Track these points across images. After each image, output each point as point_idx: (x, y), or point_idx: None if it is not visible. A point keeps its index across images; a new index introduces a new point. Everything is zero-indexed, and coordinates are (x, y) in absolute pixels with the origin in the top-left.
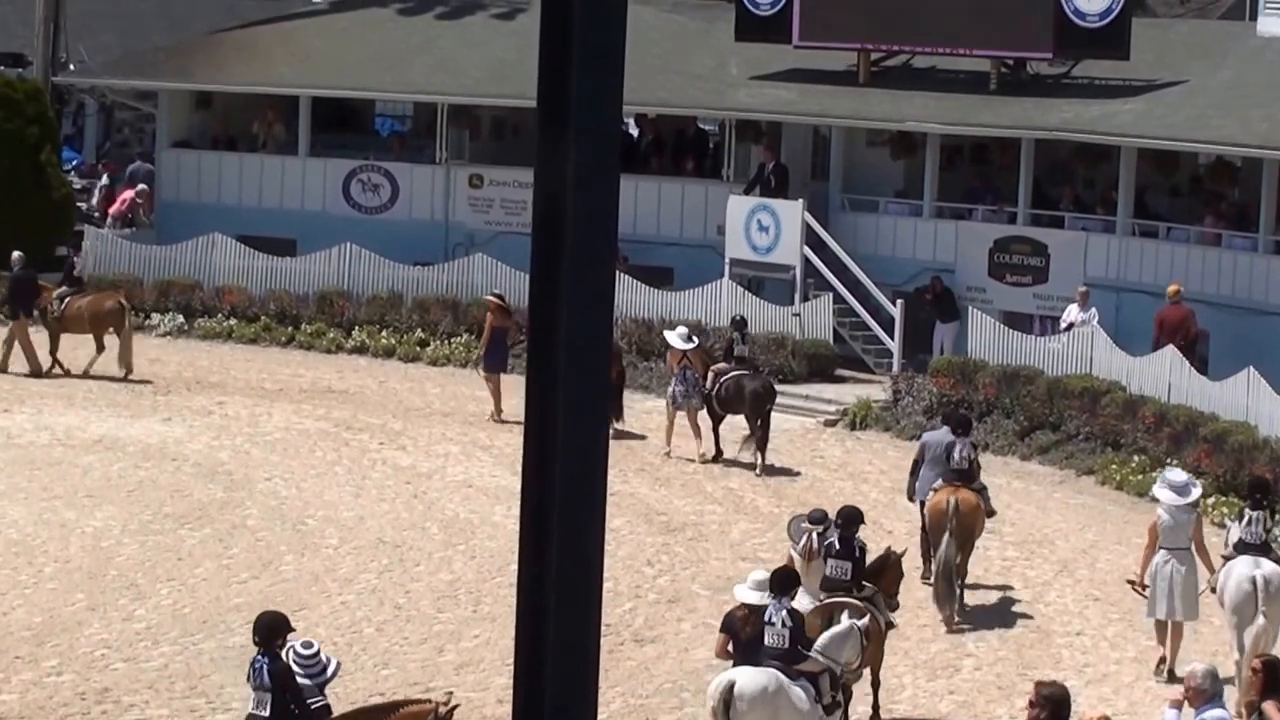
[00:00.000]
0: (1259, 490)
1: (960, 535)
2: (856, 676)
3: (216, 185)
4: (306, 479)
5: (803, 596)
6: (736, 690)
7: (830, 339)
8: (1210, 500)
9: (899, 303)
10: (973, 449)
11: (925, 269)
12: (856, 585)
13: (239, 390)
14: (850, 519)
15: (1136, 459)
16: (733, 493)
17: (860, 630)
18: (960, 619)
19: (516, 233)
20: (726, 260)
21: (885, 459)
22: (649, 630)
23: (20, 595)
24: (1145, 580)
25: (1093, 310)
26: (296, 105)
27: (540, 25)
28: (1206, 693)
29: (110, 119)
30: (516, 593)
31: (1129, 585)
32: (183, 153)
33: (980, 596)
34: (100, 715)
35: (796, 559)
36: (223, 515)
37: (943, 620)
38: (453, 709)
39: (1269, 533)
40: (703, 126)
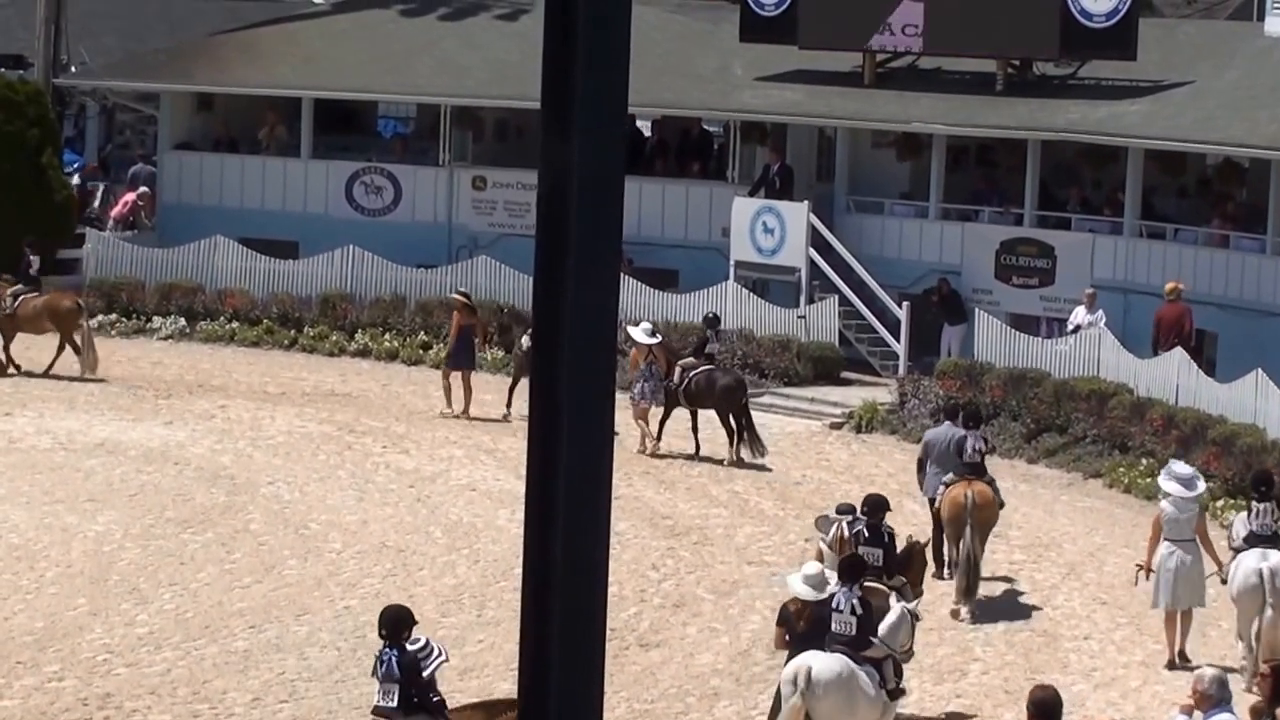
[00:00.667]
0: (1263, 483)
1: (980, 528)
2: (907, 658)
3: (218, 187)
4: (309, 483)
5: (833, 586)
6: (813, 675)
7: (836, 341)
8: (1219, 503)
9: (905, 305)
10: (984, 442)
11: (931, 271)
12: (887, 572)
13: (241, 394)
14: (877, 506)
15: (1144, 462)
16: (738, 496)
17: (910, 614)
18: (979, 612)
19: (520, 235)
20: (731, 262)
21: (892, 462)
22: (654, 635)
23: (22, 600)
24: (1153, 566)
25: (1100, 312)
26: (299, 107)
27: (544, 26)
28: (1213, 698)
29: (112, 121)
30: (521, 597)
31: (1138, 568)
32: (184, 155)
33: (988, 599)
34: None
35: (826, 551)
36: (225, 519)
37: (967, 613)
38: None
39: (1278, 523)
40: (707, 128)
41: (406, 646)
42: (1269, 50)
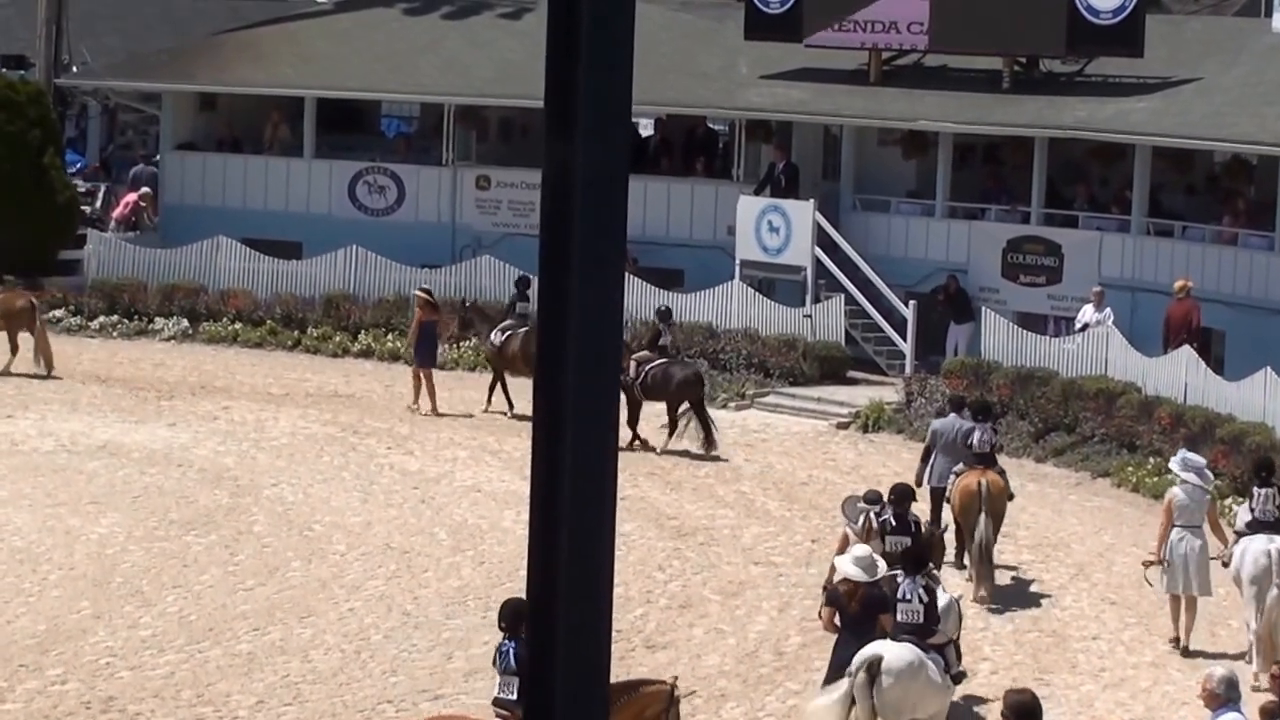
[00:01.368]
0: (1265, 470)
1: (993, 517)
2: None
3: (221, 188)
4: (313, 484)
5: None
6: (884, 665)
7: (842, 341)
8: (1228, 501)
9: (911, 304)
10: (993, 433)
11: (938, 269)
12: None
13: (244, 395)
14: (903, 495)
15: (1152, 461)
16: (744, 496)
17: (957, 602)
18: (994, 600)
19: (524, 234)
20: (737, 261)
21: (899, 461)
22: (660, 636)
23: (24, 603)
24: (1163, 555)
25: (1108, 311)
26: (301, 106)
27: (547, 25)
28: (1221, 698)
29: (114, 121)
30: (526, 599)
31: (1145, 566)
32: (187, 155)
33: (995, 599)
34: None
35: (853, 538)
36: (229, 521)
37: (981, 598)
38: (688, 694)
39: None
40: (712, 126)
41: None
42: (1277, 47)
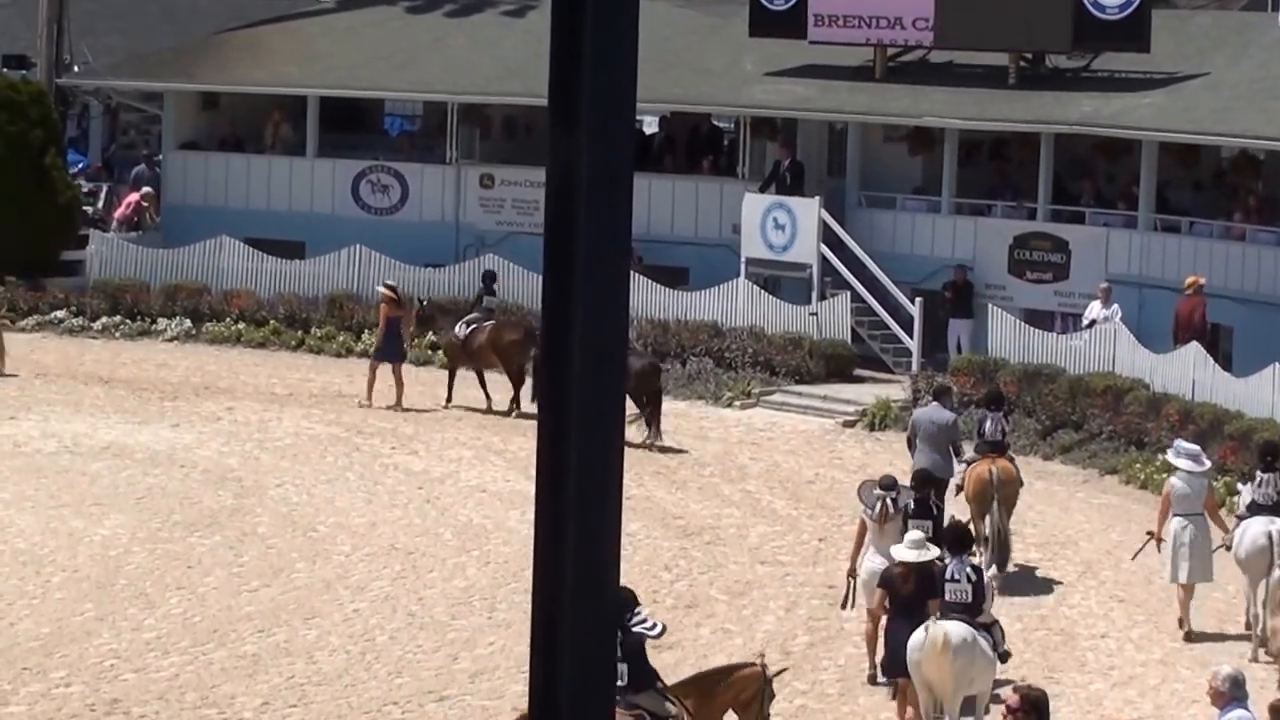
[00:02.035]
0: (1269, 453)
1: (1006, 503)
2: None
3: (223, 187)
4: (317, 485)
5: (875, 557)
6: (946, 638)
7: (848, 338)
8: (1237, 497)
9: (918, 301)
10: (1005, 421)
11: (944, 266)
12: (937, 545)
13: (248, 395)
14: (925, 480)
15: (1160, 458)
16: (750, 495)
17: (994, 584)
18: (1004, 590)
19: (529, 233)
20: (742, 259)
21: (906, 459)
22: (667, 636)
23: (28, 605)
24: (1164, 536)
25: (1115, 307)
26: (304, 105)
27: (551, 22)
28: (1225, 695)
29: (115, 121)
30: (531, 599)
31: (1149, 536)
32: (189, 154)
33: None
34: None
35: (870, 523)
36: (233, 522)
37: (999, 582)
38: (779, 672)
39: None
40: (717, 124)
41: (631, 627)
42: None
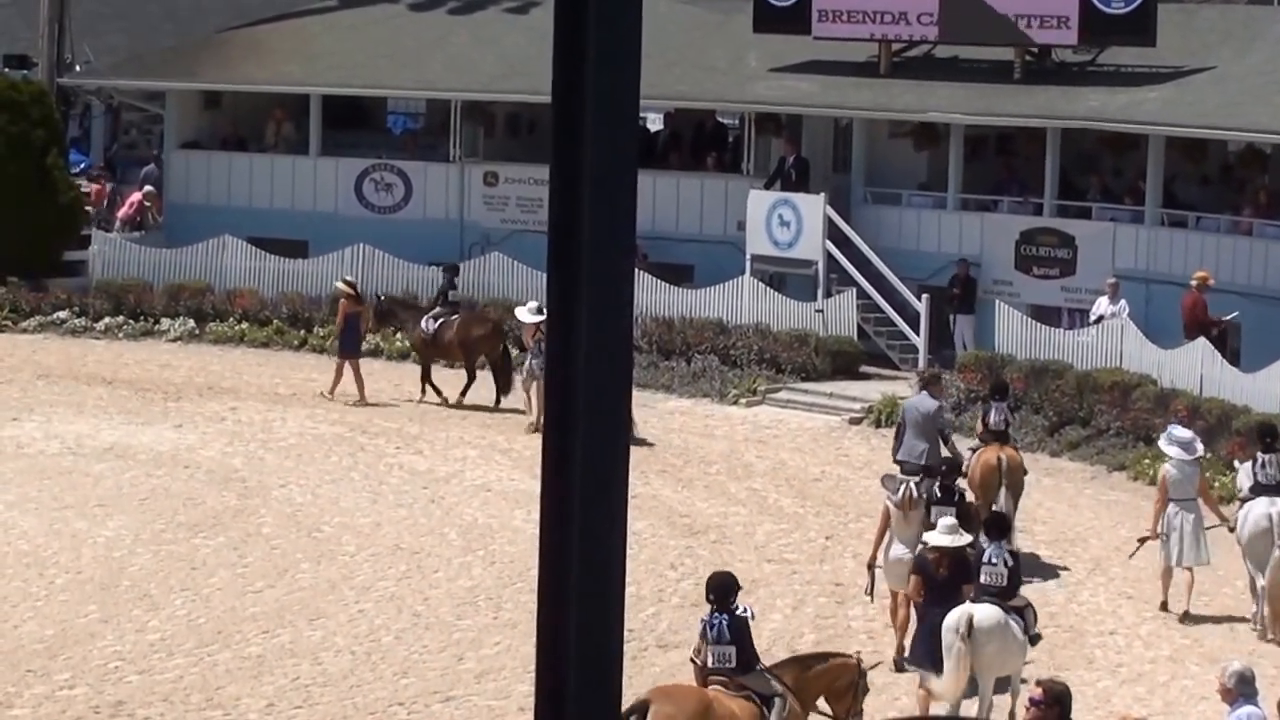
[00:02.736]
0: (1269, 435)
1: (1013, 490)
2: None
3: (226, 186)
4: (322, 485)
5: (898, 546)
6: (976, 622)
7: (854, 335)
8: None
9: (924, 297)
10: (1009, 411)
11: (950, 262)
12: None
13: (252, 395)
14: (953, 468)
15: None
16: (757, 493)
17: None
18: None
19: (533, 231)
20: (748, 256)
21: None
22: (673, 635)
23: (32, 607)
24: (1158, 530)
25: (1123, 302)
26: (307, 104)
27: (554, 22)
28: (1233, 693)
29: (117, 120)
30: (537, 599)
31: (1140, 543)
32: (191, 154)
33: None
34: None
35: (893, 510)
36: (237, 523)
37: None
38: (874, 665)
39: None
40: (722, 120)
41: (735, 611)
42: None
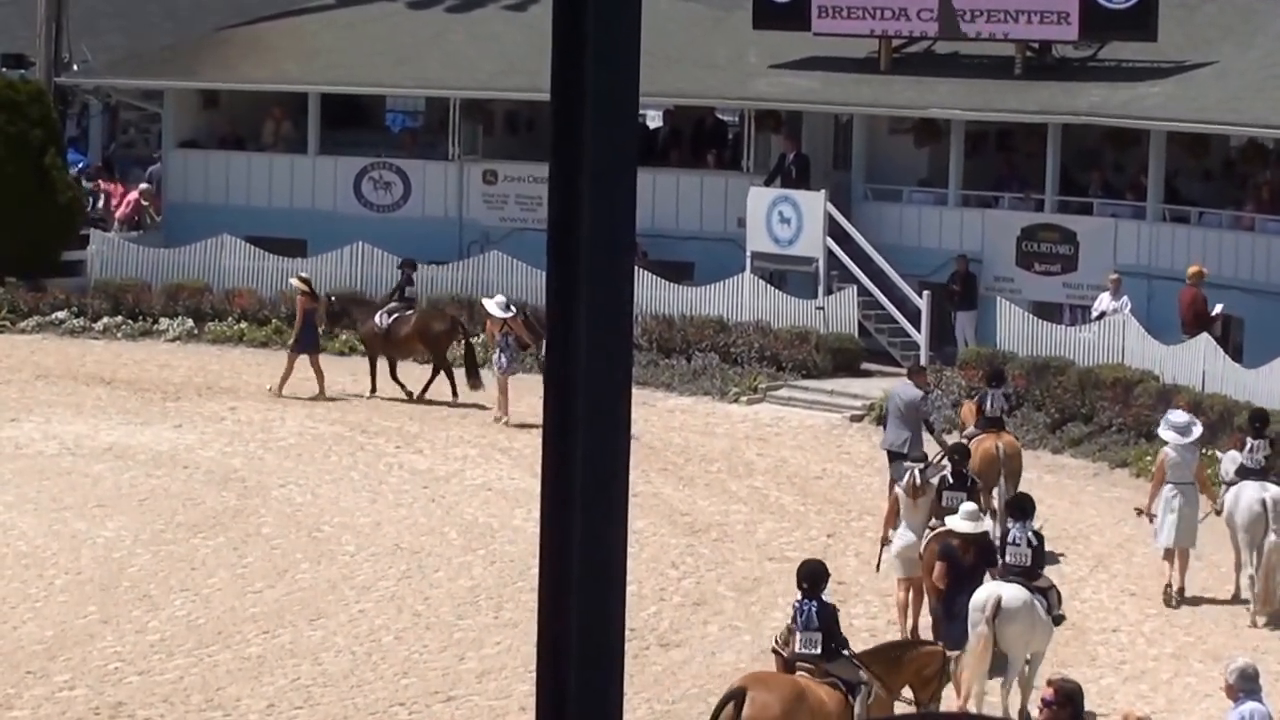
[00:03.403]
0: (1259, 421)
1: (1012, 477)
2: None
3: (224, 186)
4: (322, 485)
5: (906, 533)
6: (1003, 603)
7: (855, 332)
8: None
9: (925, 294)
10: (1005, 399)
11: (951, 259)
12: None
13: (251, 395)
14: (966, 453)
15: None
16: (758, 491)
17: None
18: None
19: (532, 229)
20: (748, 253)
21: None
22: (674, 634)
23: (31, 608)
24: (1154, 510)
25: (1125, 299)
26: (305, 103)
27: (553, 20)
28: (1235, 689)
29: (115, 120)
30: (538, 598)
31: (1137, 513)
32: (189, 153)
33: None
34: None
35: (901, 496)
36: (236, 523)
37: None
38: (957, 656)
39: (1268, 460)
40: (721, 117)
41: (824, 599)
42: None
